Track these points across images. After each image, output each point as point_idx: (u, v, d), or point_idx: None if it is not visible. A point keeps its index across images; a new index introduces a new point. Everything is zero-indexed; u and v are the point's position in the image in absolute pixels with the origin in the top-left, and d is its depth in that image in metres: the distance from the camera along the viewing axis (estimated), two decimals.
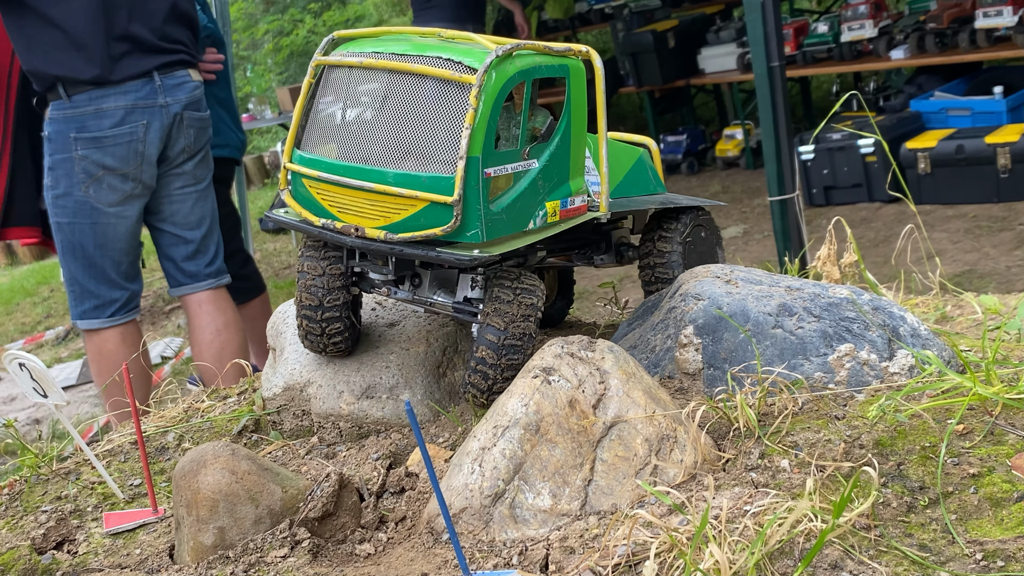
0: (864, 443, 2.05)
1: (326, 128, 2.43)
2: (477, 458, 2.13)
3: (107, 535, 2.47)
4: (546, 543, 1.99)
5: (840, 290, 2.50)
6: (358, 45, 2.42)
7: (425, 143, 2.26)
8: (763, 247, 8.45)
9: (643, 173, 2.89)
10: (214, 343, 4.89)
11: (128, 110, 4.43)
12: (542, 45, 2.36)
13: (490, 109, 2.19)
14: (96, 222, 4.49)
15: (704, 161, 11.59)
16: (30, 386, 2.59)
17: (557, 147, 2.40)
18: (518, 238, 2.33)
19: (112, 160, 4.43)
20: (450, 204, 2.19)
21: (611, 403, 2.16)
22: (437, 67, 2.23)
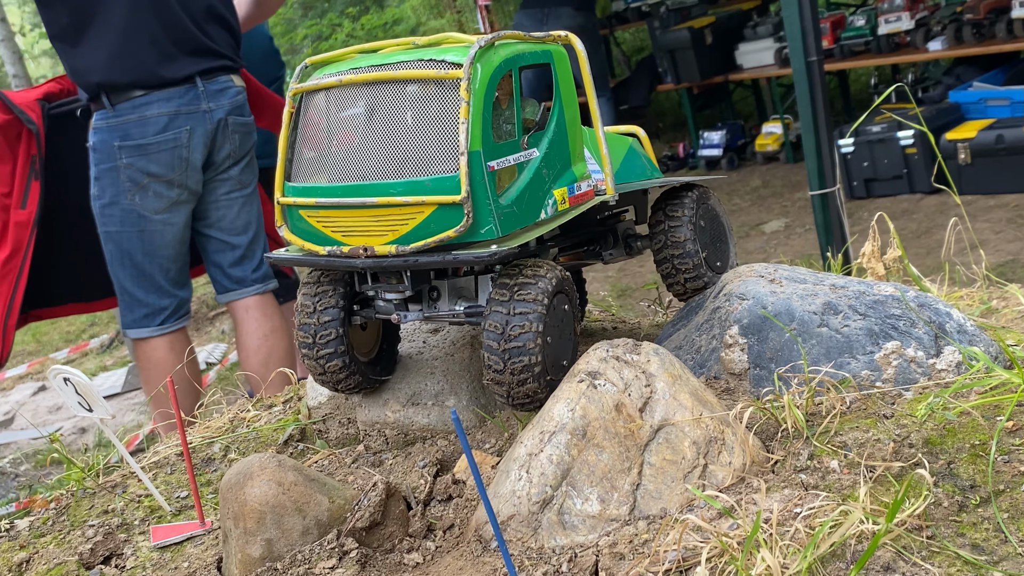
0: (913, 442, 2.03)
1: (316, 154, 2.38)
2: (524, 464, 2.12)
3: (155, 548, 2.48)
4: (595, 549, 1.98)
5: (885, 287, 2.47)
6: (333, 66, 2.38)
7: (422, 147, 2.22)
8: (805, 241, 8.41)
9: (637, 160, 2.86)
10: (261, 348, 4.89)
11: (172, 116, 4.43)
12: (521, 33, 2.34)
13: (482, 101, 2.17)
14: (143, 230, 4.49)
15: (744, 156, 11.53)
16: (75, 400, 2.61)
17: (554, 133, 2.38)
18: (532, 229, 2.30)
19: (157, 167, 4.43)
20: (459, 203, 2.15)
21: (658, 406, 2.15)
22: (421, 69, 2.21)
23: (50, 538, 2.66)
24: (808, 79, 5.77)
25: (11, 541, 2.71)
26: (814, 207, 6.10)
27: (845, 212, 6.10)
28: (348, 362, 2.54)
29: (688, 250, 2.72)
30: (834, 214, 5.99)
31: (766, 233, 9.03)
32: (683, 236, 2.72)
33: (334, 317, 2.48)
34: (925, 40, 9.30)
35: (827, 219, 6.02)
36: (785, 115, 10.98)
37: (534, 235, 2.29)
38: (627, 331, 3.14)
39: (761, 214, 9.59)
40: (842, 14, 10.46)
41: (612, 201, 2.50)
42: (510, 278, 2.28)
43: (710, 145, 11.44)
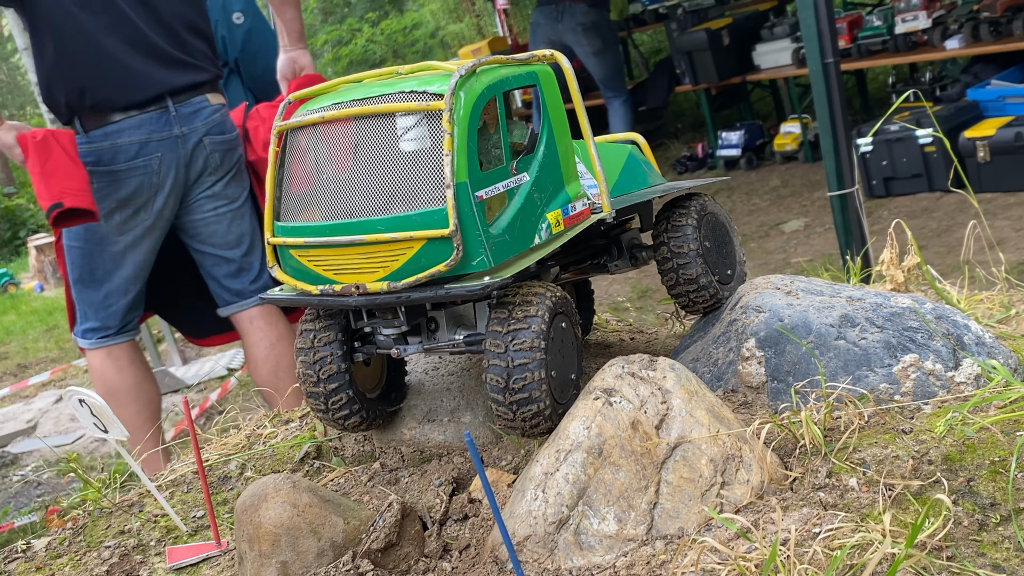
0: (932, 459, 2.01)
1: (303, 192, 2.32)
2: (540, 484, 2.10)
3: (170, 571, 2.47)
4: (613, 570, 1.96)
5: (902, 299, 2.45)
6: (316, 101, 2.34)
7: (408, 182, 2.16)
8: (825, 240, 8.37)
9: (637, 168, 2.80)
10: (269, 358, 4.89)
11: (142, 144, 4.42)
12: (504, 57, 2.29)
13: (466, 131, 2.12)
14: (106, 250, 4.52)
15: (763, 156, 11.48)
16: (91, 422, 2.60)
17: (544, 156, 2.32)
18: (527, 256, 2.25)
19: (125, 192, 4.44)
20: (448, 236, 2.10)
21: (674, 423, 2.13)
22: (403, 101, 2.16)
23: (66, 559, 2.65)
24: (825, 80, 5.75)
25: (28, 562, 2.71)
26: (833, 208, 6.08)
27: (864, 212, 6.07)
28: (351, 397, 2.49)
29: (692, 263, 2.65)
30: (853, 214, 5.97)
31: (785, 233, 8.99)
32: (687, 247, 2.65)
33: (333, 352, 2.44)
34: (942, 39, 9.25)
35: (846, 219, 6.00)
36: (803, 114, 10.94)
37: (528, 262, 2.23)
38: (644, 342, 3.12)
39: (780, 214, 9.55)
40: (859, 14, 10.40)
41: (609, 218, 2.45)
42: (504, 310, 2.22)
43: (729, 145, 11.40)
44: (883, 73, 12.38)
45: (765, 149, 11.50)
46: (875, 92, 12.01)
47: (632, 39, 14.71)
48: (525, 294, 2.24)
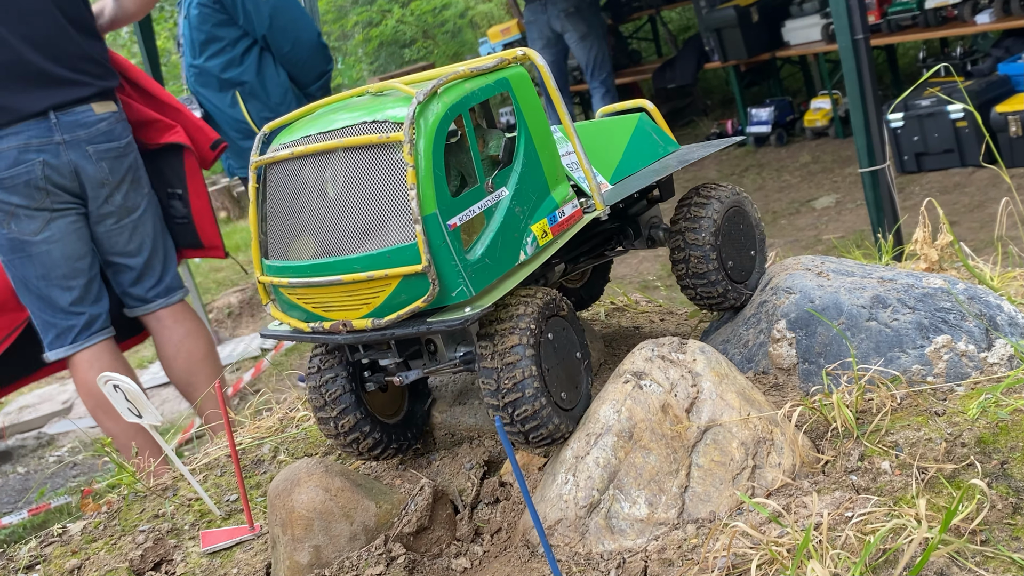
0: (966, 441, 1.99)
1: (284, 230, 2.24)
2: (571, 467, 2.10)
3: (204, 554, 2.48)
4: (644, 555, 1.96)
5: (934, 280, 2.43)
6: (289, 132, 2.25)
7: (378, 217, 2.08)
8: (856, 216, 8.32)
9: (646, 139, 2.69)
10: (179, 354, 4.94)
11: (21, 150, 4.38)
12: (467, 69, 2.16)
13: (431, 159, 2.02)
14: (30, 253, 4.50)
15: (793, 132, 11.42)
16: (125, 407, 2.61)
17: (524, 165, 2.22)
18: (512, 275, 2.16)
19: (18, 198, 4.41)
20: (422, 272, 2.02)
21: (704, 406, 2.12)
22: (363, 134, 2.06)
23: (101, 543, 2.67)
24: (855, 57, 5.70)
25: (64, 546, 2.73)
26: (864, 184, 6.05)
27: (896, 188, 6.03)
28: (361, 420, 2.44)
29: (705, 258, 2.55)
30: (884, 191, 5.93)
31: (816, 209, 8.94)
32: (701, 240, 2.55)
33: (338, 375, 2.41)
34: (973, 13, 9.16)
35: (878, 196, 5.96)
36: (834, 90, 10.87)
37: (513, 283, 2.14)
38: (674, 323, 3.11)
39: (811, 190, 9.50)
40: None
41: (604, 216, 2.36)
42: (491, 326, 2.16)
43: (759, 122, 11.34)
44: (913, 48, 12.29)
45: (795, 125, 11.44)
46: (906, 67, 11.93)
47: (660, 16, 14.65)
48: (511, 303, 2.17)
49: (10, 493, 7.16)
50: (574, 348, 2.27)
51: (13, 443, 8.01)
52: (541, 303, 2.18)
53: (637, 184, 2.50)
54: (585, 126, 2.57)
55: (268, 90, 5.99)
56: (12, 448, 7.92)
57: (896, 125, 8.92)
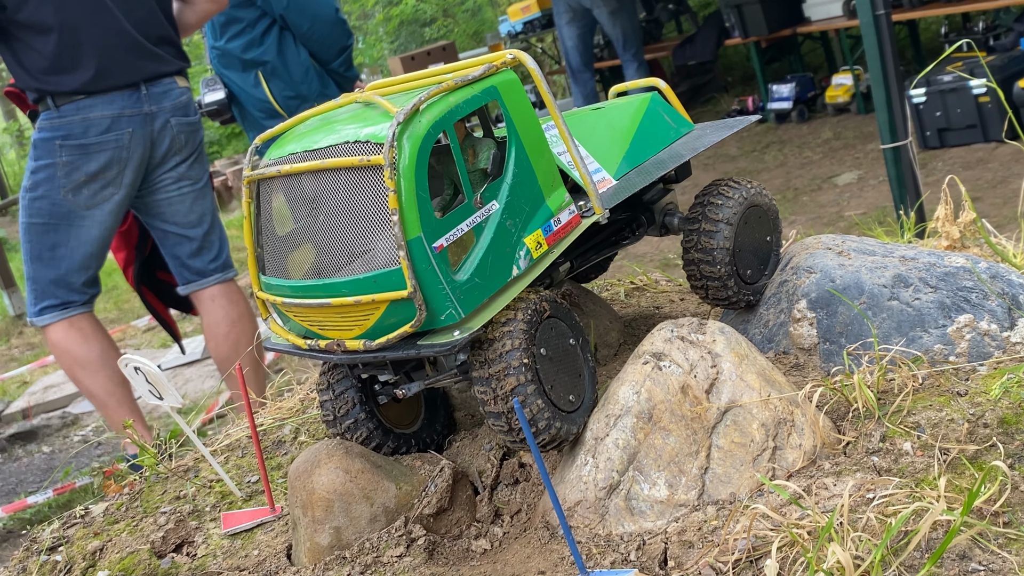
0: (988, 421, 1.98)
1: (276, 247, 2.21)
2: (590, 449, 2.10)
3: (225, 536, 2.49)
4: (664, 536, 1.96)
5: (956, 258, 2.41)
6: (279, 146, 2.18)
7: (362, 240, 2.03)
8: (879, 193, 8.28)
9: (657, 122, 2.59)
10: (230, 335, 5.01)
11: (114, 119, 4.55)
12: (452, 81, 2.06)
13: (413, 181, 1.94)
14: (72, 225, 4.62)
15: (814, 108, 11.37)
16: (146, 389, 2.62)
17: (515, 176, 2.13)
18: (503, 292, 2.09)
19: (95, 165, 4.55)
20: (408, 298, 1.97)
21: (724, 387, 2.11)
22: (345, 155, 1.99)
23: (123, 525, 2.68)
24: (876, 33, 5.66)
25: (86, 528, 2.74)
26: (886, 160, 6.02)
27: (918, 164, 6.00)
28: (374, 433, 2.41)
29: (718, 261, 2.46)
30: (907, 167, 5.90)
31: (839, 186, 8.90)
32: (716, 243, 2.46)
33: (347, 389, 2.39)
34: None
35: (900, 172, 5.93)
36: (855, 66, 10.81)
37: (505, 301, 2.07)
38: (694, 303, 3.09)
39: (833, 167, 9.46)
40: None
41: (603, 220, 2.26)
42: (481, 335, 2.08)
43: (780, 98, 11.29)
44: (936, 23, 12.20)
45: (817, 101, 11.39)
46: (927, 43, 11.85)
47: None
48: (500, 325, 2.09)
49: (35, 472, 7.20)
50: (568, 339, 2.19)
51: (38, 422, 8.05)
52: (532, 306, 2.11)
53: (639, 182, 2.40)
54: (590, 113, 2.51)
55: (290, 69, 6.02)
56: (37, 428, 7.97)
57: (918, 101, 8.88)
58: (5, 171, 19.44)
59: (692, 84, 13.30)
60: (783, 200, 8.85)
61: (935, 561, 1.62)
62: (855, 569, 1.62)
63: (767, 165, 10.06)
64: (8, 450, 7.76)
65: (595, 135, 2.45)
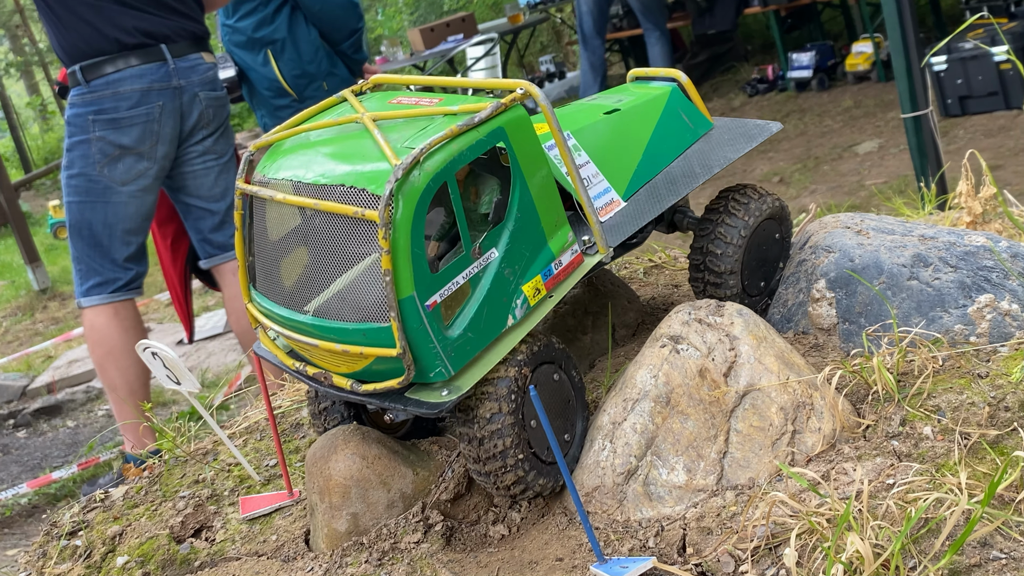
0: (1009, 405, 1.96)
1: (267, 268, 2.14)
2: (608, 434, 2.08)
3: (243, 521, 2.49)
4: (682, 522, 1.94)
5: (976, 237, 2.39)
6: (273, 158, 2.11)
7: (353, 289, 1.95)
8: (899, 161, 8.23)
9: (674, 124, 2.47)
10: None
11: (144, 92, 4.60)
12: (456, 127, 1.90)
13: (408, 239, 1.84)
14: (109, 201, 4.66)
15: (834, 77, 11.32)
16: (163, 374, 2.62)
17: (517, 222, 2.01)
18: (497, 345, 2.00)
19: (128, 139, 4.60)
20: (396, 357, 1.89)
21: (743, 370, 2.10)
22: (340, 201, 1.89)
23: (143, 509, 2.68)
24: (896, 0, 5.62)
25: (106, 512, 2.74)
26: (907, 129, 5.98)
27: (939, 133, 5.96)
28: None
29: (727, 271, 2.41)
30: (928, 136, 5.86)
31: (859, 155, 8.86)
32: (726, 252, 2.39)
33: (335, 403, 2.38)
34: None
35: (920, 141, 5.89)
36: (875, 33, 10.74)
37: (498, 355, 1.99)
38: None
39: (854, 135, 9.41)
40: None
41: (607, 260, 2.18)
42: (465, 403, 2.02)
43: (800, 67, 11.24)
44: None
45: (837, 70, 11.33)
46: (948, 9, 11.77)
47: None
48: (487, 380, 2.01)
49: (60, 447, 7.24)
50: (552, 376, 2.11)
51: (63, 397, 8.09)
52: (523, 360, 2.03)
53: (648, 211, 2.30)
54: (604, 121, 2.39)
55: (299, 48, 6.03)
56: (62, 402, 8.01)
57: (939, 68, 8.81)
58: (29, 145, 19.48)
59: (712, 53, 13.24)
60: (803, 169, 8.81)
61: (956, 549, 1.61)
62: (875, 559, 1.61)
63: (787, 134, 10.00)
64: (33, 425, 7.81)
65: (607, 147, 2.34)
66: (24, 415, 7.89)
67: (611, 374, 2.47)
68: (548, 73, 15.03)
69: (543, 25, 16.71)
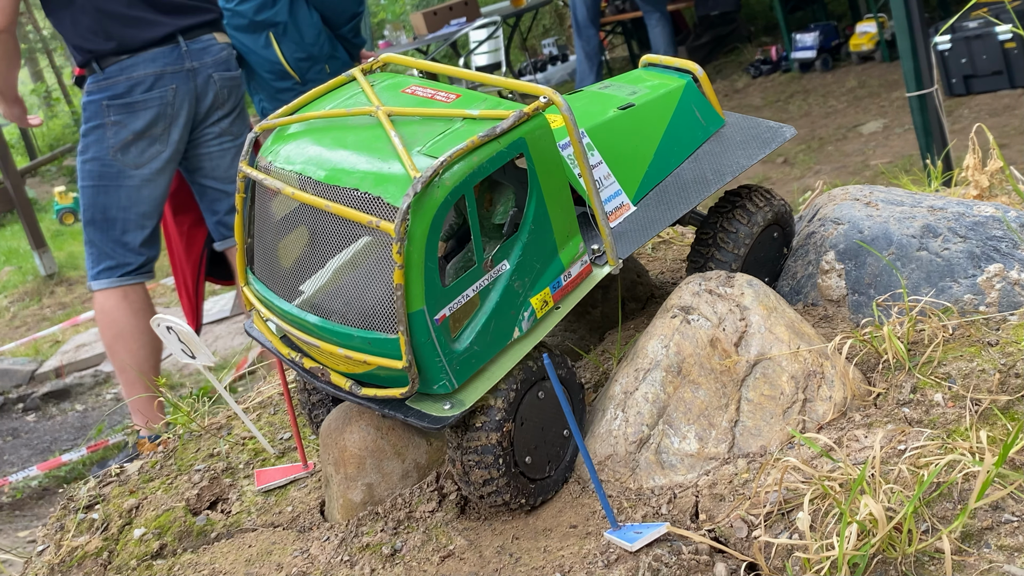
0: (1020, 371, 1.98)
1: (268, 255, 2.10)
2: (620, 403, 2.10)
3: (259, 493, 2.51)
4: (695, 489, 1.96)
5: (985, 208, 2.40)
6: (280, 143, 2.05)
7: (361, 297, 1.90)
8: (904, 141, 8.23)
9: (687, 121, 2.41)
10: None
11: (157, 76, 4.64)
12: (477, 137, 1.83)
13: (423, 254, 1.79)
14: (122, 185, 4.70)
15: (838, 57, 11.30)
16: (178, 348, 2.63)
17: (531, 233, 1.96)
18: (501, 358, 1.97)
19: (142, 123, 4.64)
20: (401, 370, 1.85)
21: (753, 340, 2.11)
22: (353, 207, 1.84)
23: (158, 483, 2.70)
24: None
25: (121, 486, 2.76)
26: (912, 108, 5.99)
27: (944, 112, 5.96)
28: None
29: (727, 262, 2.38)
30: (933, 115, 5.87)
31: (864, 135, 8.85)
32: (724, 258, 2.38)
33: (324, 397, 2.39)
34: None
35: (926, 120, 5.89)
36: (879, 13, 10.72)
37: (502, 370, 1.95)
38: None
39: (858, 115, 9.40)
40: None
41: (616, 271, 2.13)
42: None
43: (803, 47, 11.22)
44: None
45: (841, 50, 11.31)
46: None
47: None
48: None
49: (69, 431, 7.27)
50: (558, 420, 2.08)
51: (71, 381, 8.13)
52: (517, 383, 1.98)
53: (660, 220, 2.25)
54: (617, 119, 2.32)
55: (302, 30, 6.06)
56: (70, 386, 8.04)
57: (944, 48, 8.80)
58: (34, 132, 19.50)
59: (715, 34, 13.21)
60: (808, 150, 8.81)
61: (968, 512, 1.63)
62: (888, 521, 1.63)
63: (791, 115, 10.00)
64: (42, 408, 7.85)
65: (620, 146, 2.29)
66: (33, 399, 7.93)
67: (622, 346, 2.48)
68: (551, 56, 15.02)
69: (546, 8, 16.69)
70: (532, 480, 2.05)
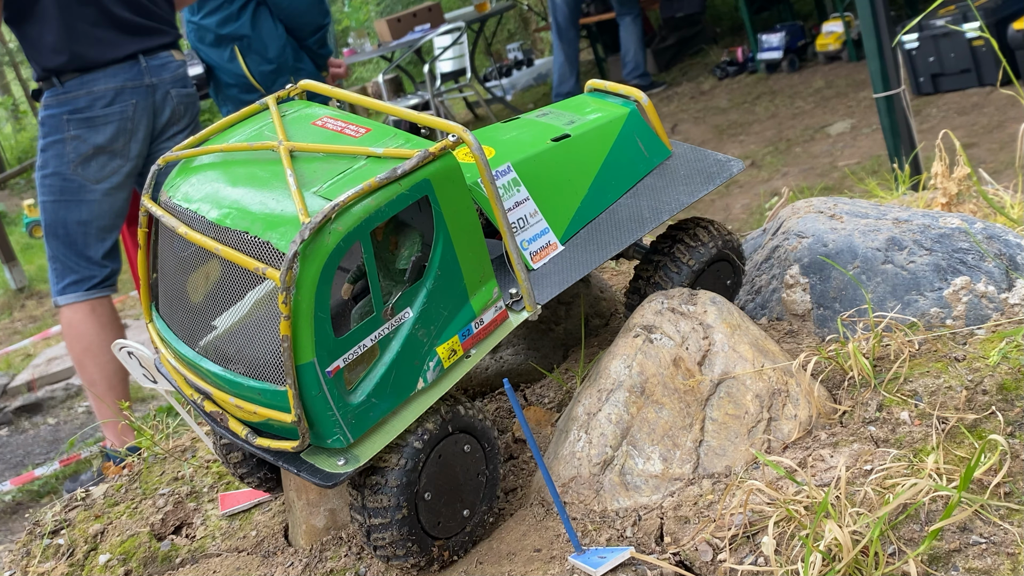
0: (987, 388, 1.96)
1: (168, 294, 2.01)
2: (583, 424, 2.08)
3: (223, 517, 2.48)
4: (660, 511, 1.94)
5: (951, 219, 2.39)
6: (183, 178, 1.96)
7: (251, 344, 1.81)
8: (872, 141, 8.24)
9: (629, 152, 2.31)
10: None
11: (118, 91, 4.64)
12: (375, 180, 1.73)
13: (312, 303, 1.70)
14: (83, 200, 4.69)
15: (805, 57, 11.32)
16: (140, 373, 2.60)
17: (437, 280, 1.86)
18: (403, 410, 1.85)
19: (103, 138, 4.64)
20: (291, 424, 1.76)
21: (717, 359, 2.09)
22: (241, 250, 1.75)
23: (123, 507, 2.67)
24: None
25: (87, 511, 2.73)
26: (879, 110, 5.98)
27: (912, 112, 5.96)
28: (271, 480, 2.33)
29: None
30: (900, 116, 5.87)
31: (831, 136, 8.86)
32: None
33: None
34: None
35: (894, 121, 5.89)
36: (846, 12, 10.74)
37: (403, 423, 1.84)
38: None
39: (826, 116, 9.41)
40: None
41: (534, 318, 2.02)
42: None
43: (770, 48, 11.24)
44: None
45: (807, 50, 11.34)
46: None
47: None
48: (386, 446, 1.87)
49: (41, 444, 7.24)
50: (463, 446, 1.96)
51: (43, 394, 8.09)
52: (422, 438, 1.88)
53: (585, 266, 2.13)
54: (549, 151, 2.21)
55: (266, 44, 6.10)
56: (42, 399, 8.01)
57: (911, 46, 8.82)
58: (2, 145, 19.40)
59: (680, 36, 13.23)
60: (775, 152, 8.82)
61: (936, 535, 1.61)
62: (854, 545, 1.61)
63: (758, 116, 10.01)
64: (14, 422, 7.81)
65: (550, 181, 2.19)
66: (5, 413, 7.89)
67: (585, 364, 2.46)
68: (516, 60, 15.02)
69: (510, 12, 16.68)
70: (446, 538, 1.97)
